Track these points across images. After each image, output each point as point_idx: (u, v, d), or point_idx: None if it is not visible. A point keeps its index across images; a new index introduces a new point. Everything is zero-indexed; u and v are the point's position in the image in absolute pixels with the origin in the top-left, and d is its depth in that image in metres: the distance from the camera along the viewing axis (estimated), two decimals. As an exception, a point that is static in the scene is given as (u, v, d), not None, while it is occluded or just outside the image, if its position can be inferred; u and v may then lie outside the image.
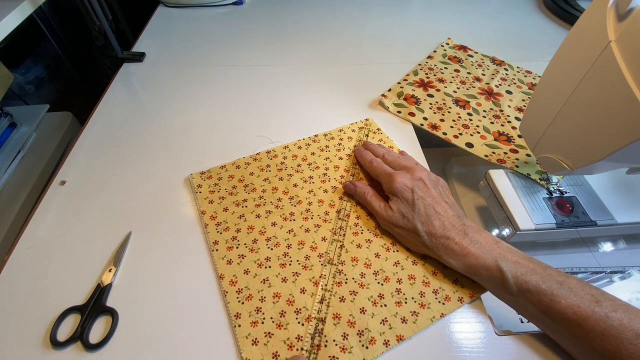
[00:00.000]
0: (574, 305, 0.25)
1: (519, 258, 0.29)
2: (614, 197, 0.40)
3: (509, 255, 0.29)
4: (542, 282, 0.26)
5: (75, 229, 0.37)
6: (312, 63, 0.61)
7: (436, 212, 0.32)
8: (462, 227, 0.31)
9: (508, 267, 0.28)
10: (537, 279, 0.27)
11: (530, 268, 0.27)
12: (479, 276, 0.29)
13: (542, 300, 0.26)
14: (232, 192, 0.39)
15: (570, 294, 0.25)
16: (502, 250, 0.29)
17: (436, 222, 0.31)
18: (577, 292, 0.25)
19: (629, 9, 0.25)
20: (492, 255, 0.29)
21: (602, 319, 0.24)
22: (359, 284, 0.32)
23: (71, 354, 0.28)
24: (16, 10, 0.49)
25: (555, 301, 0.25)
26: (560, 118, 0.32)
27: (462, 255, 0.30)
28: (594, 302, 0.24)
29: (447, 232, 0.31)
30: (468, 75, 0.57)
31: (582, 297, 0.25)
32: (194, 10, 0.77)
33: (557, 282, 0.26)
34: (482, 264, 0.29)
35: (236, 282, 0.32)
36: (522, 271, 0.27)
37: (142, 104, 0.53)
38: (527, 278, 0.27)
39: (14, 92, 0.95)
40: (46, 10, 0.97)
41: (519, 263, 0.28)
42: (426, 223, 0.32)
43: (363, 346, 0.28)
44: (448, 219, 0.32)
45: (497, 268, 0.28)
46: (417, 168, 0.36)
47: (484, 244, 0.30)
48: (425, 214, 0.32)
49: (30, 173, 0.59)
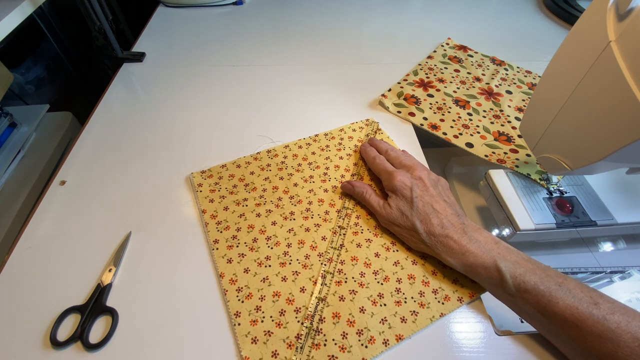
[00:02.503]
0: (571, 307, 0.25)
1: (518, 258, 0.29)
2: (614, 197, 0.40)
3: (508, 255, 0.29)
4: (541, 282, 0.26)
5: (75, 229, 0.37)
6: (313, 63, 0.61)
7: (435, 210, 0.32)
8: (461, 225, 0.31)
9: (507, 267, 0.28)
10: (536, 279, 0.26)
11: (529, 268, 0.27)
12: (478, 275, 0.29)
13: (539, 301, 0.26)
14: (233, 191, 0.39)
15: (569, 296, 0.25)
16: (501, 250, 0.29)
17: (434, 220, 0.31)
18: (576, 294, 0.25)
19: (629, 9, 0.25)
20: (491, 255, 0.29)
21: (599, 322, 0.24)
22: (358, 284, 0.32)
23: (71, 354, 0.28)
24: (16, 10, 0.49)
25: (553, 302, 0.25)
26: (560, 118, 0.32)
27: (461, 253, 0.30)
28: (592, 304, 0.24)
29: (445, 230, 0.31)
30: (468, 75, 0.57)
31: (580, 299, 0.25)
32: (194, 10, 0.77)
33: (555, 283, 0.26)
34: (481, 263, 0.29)
35: (236, 280, 0.32)
36: (520, 271, 0.27)
37: (142, 104, 0.53)
38: (526, 278, 0.27)
39: (14, 92, 0.95)
40: (46, 10, 0.97)
41: (518, 263, 0.28)
42: (424, 221, 0.32)
43: (362, 345, 0.28)
44: (447, 217, 0.32)
45: (495, 267, 0.28)
46: (418, 167, 0.36)
47: (483, 243, 0.30)
48: (423, 212, 0.32)
49: (30, 173, 0.59)
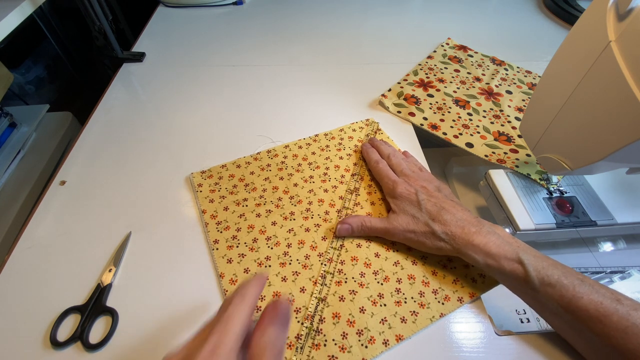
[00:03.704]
0: (596, 302, 0.24)
1: (537, 253, 0.28)
2: (614, 197, 0.40)
3: (528, 249, 0.29)
4: (564, 277, 0.26)
5: (75, 229, 0.37)
6: (313, 63, 0.61)
7: (444, 208, 0.32)
8: (476, 219, 0.31)
9: (529, 260, 0.27)
10: (559, 273, 0.26)
11: (550, 263, 0.27)
12: (500, 269, 0.28)
13: (564, 295, 0.25)
14: (233, 192, 0.39)
15: (592, 291, 0.25)
16: (520, 244, 0.29)
17: (447, 216, 0.31)
18: (598, 290, 0.25)
19: (629, 9, 0.25)
20: (512, 248, 0.28)
21: (624, 317, 0.23)
22: (358, 284, 0.32)
23: (71, 354, 0.28)
24: (16, 10, 0.49)
25: (578, 297, 0.25)
26: (560, 118, 0.32)
27: (483, 244, 0.29)
28: (615, 300, 0.24)
29: (461, 223, 0.30)
30: (468, 75, 0.57)
31: (603, 295, 0.25)
32: (194, 10, 0.77)
33: (577, 278, 0.26)
34: (504, 255, 0.28)
35: (236, 281, 0.32)
36: (543, 265, 0.27)
37: (142, 104, 0.53)
38: (549, 272, 0.26)
39: (14, 92, 0.95)
40: (46, 10, 0.97)
41: (539, 257, 0.28)
42: (437, 219, 0.31)
43: (362, 345, 0.28)
44: (459, 212, 0.31)
45: (518, 260, 0.27)
46: (419, 177, 0.37)
47: (502, 236, 0.29)
48: (434, 210, 0.32)
49: (30, 173, 0.59)
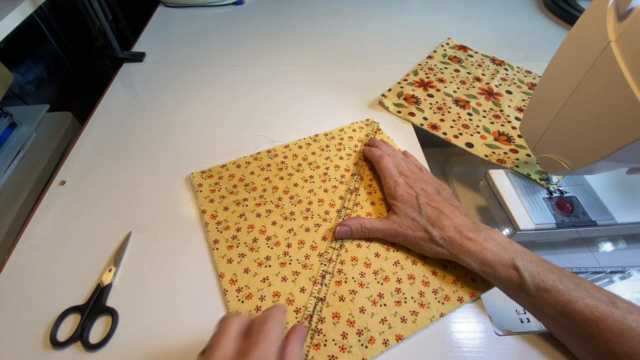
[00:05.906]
0: (591, 306, 0.25)
1: (533, 257, 0.28)
2: (614, 197, 0.40)
3: (524, 254, 0.29)
4: (559, 281, 0.26)
5: (75, 229, 0.37)
6: (313, 63, 0.61)
7: (443, 213, 0.32)
8: (474, 224, 0.31)
9: (524, 266, 0.27)
10: (554, 278, 0.26)
11: (546, 267, 0.27)
12: (496, 275, 0.28)
13: (559, 299, 0.26)
14: (233, 191, 0.39)
15: (587, 295, 0.25)
16: (517, 249, 0.29)
17: (445, 222, 0.31)
18: (594, 294, 0.25)
19: (629, 9, 0.25)
20: (508, 253, 0.29)
21: (619, 320, 0.24)
22: (358, 284, 0.32)
23: (71, 354, 0.28)
24: (16, 10, 0.49)
25: (573, 301, 0.25)
26: (560, 118, 0.32)
27: (479, 251, 0.29)
28: (610, 304, 0.25)
29: (459, 229, 0.31)
30: (468, 75, 0.57)
31: (598, 299, 0.25)
32: (194, 10, 0.77)
33: (572, 282, 0.26)
34: (499, 261, 0.28)
35: (236, 281, 0.32)
36: (539, 270, 0.27)
37: (142, 104, 0.53)
38: (544, 277, 0.26)
39: (14, 92, 0.95)
40: (46, 10, 0.97)
41: (535, 262, 0.28)
42: (436, 224, 0.32)
43: (362, 345, 0.28)
44: (457, 217, 0.32)
45: (513, 266, 0.28)
46: (420, 178, 0.37)
47: (499, 241, 0.30)
48: (433, 215, 0.32)
49: (30, 173, 0.59)
